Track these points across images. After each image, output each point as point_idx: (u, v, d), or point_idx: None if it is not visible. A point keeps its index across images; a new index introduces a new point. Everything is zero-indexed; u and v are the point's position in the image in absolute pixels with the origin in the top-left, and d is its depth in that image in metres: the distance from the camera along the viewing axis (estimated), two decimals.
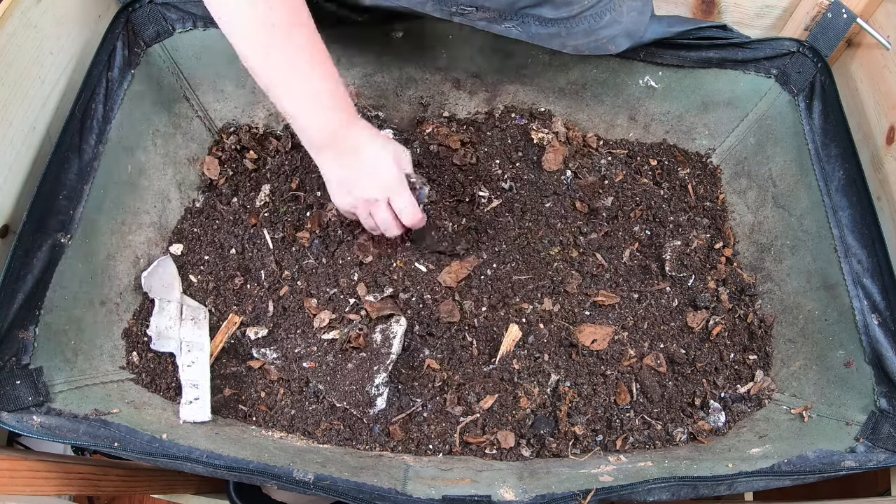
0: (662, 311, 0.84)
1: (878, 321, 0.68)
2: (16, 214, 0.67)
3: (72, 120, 0.69)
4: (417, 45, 0.87)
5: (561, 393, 0.75)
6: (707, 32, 0.81)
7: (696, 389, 0.78)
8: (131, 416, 0.64)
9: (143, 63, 0.79)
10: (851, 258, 0.72)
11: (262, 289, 0.82)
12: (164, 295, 0.78)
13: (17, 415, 0.59)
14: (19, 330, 0.62)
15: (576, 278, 0.84)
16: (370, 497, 0.57)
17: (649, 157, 0.95)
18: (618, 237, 0.89)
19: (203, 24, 0.81)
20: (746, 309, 0.84)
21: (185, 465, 0.58)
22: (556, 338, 0.80)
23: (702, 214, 0.91)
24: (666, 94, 0.90)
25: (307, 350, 0.78)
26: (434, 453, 0.72)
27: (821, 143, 0.79)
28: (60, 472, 0.65)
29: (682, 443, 0.74)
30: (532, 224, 0.88)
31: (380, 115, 0.93)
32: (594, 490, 0.59)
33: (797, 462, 0.63)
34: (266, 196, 0.88)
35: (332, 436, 0.73)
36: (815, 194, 0.78)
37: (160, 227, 0.83)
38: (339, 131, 0.67)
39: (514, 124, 0.92)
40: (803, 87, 0.82)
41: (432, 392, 0.75)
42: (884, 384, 0.67)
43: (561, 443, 0.72)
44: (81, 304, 0.70)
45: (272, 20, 0.59)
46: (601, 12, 0.76)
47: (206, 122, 0.90)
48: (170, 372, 0.74)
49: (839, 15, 0.80)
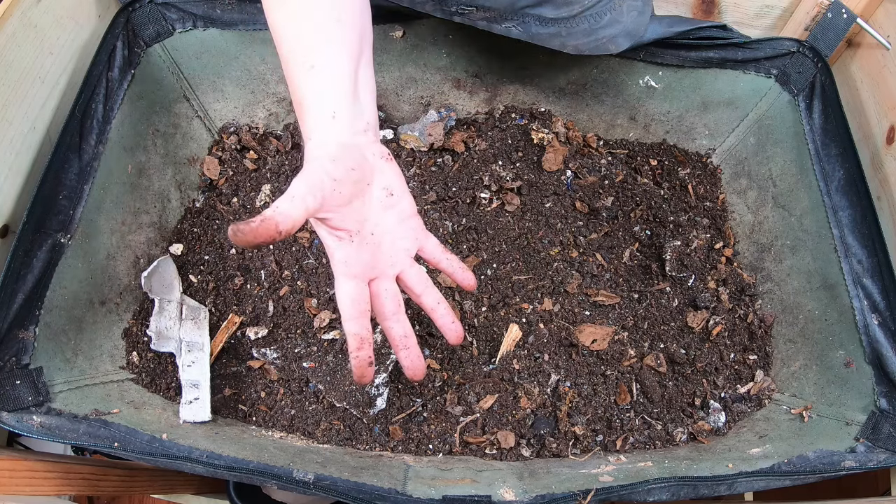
0: (662, 311, 0.84)
1: (878, 321, 0.68)
2: (16, 214, 0.67)
3: (72, 120, 0.69)
4: (417, 45, 0.87)
5: (561, 393, 0.75)
6: (707, 32, 0.81)
7: (696, 389, 0.78)
8: (131, 416, 0.64)
9: (143, 63, 0.79)
10: (851, 258, 0.72)
11: (262, 289, 0.82)
12: (164, 295, 0.78)
13: (17, 415, 0.59)
14: (19, 330, 0.62)
15: (576, 278, 0.84)
16: (370, 497, 0.57)
17: (649, 157, 0.95)
18: (618, 237, 0.89)
19: (203, 24, 0.81)
20: (746, 309, 0.84)
21: (185, 465, 0.58)
22: (557, 338, 0.80)
23: (702, 214, 0.91)
24: (666, 94, 0.90)
25: (307, 350, 0.78)
26: (434, 453, 0.72)
27: (821, 143, 0.79)
28: (60, 472, 0.65)
29: (682, 443, 0.74)
30: (532, 224, 0.88)
31: (380, 115, 0.93)
32: (594, 490, 0.58)
33: (797, 462, 0.63)
34: (266, 196, 0.88)
35: (332, 436, 0.73)
36: (815, 194, 0.78)
37: (160, 227, 0.83)
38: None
39: (515, 124, 0.92)
40: (803, 87, 0.82)
41: (432, 392, 0.75)
42: (884, 384, 0.67)
43: (561, 443, 0.72)
44: (81, 304, 0.70)
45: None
46: (601, 12, 0.76)
47: (206, 122, 0.90)
48: (170, 372, 0.74)
49: (839, 15, 0.80)
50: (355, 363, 0.56)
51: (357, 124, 0.53)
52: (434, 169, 0.90)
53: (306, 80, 0.52)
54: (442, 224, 0.85)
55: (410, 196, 0.58)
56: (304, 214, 0.47)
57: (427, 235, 0.60)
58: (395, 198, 0.56)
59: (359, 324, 0.55)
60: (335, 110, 0.52)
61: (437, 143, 0.89)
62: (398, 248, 0.58)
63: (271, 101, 0.92)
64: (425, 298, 0.60)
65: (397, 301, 0.58)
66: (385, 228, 0.56)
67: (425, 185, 0.88)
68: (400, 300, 0.58)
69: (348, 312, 0.55)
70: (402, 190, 0.57)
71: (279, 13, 0.54)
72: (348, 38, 0.54)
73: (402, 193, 0.57)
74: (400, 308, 0.58)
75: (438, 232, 0.84)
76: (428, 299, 0.60)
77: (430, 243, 0.60)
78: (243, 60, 0.86)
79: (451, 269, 0.61)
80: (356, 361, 0.55)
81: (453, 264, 0.61)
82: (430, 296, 0.60)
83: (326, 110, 0.52)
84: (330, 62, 0.52)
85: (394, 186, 0.56)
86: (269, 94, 0.91)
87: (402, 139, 0.91)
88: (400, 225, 0.57)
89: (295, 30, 0.53)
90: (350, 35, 0.54)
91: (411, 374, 0.60)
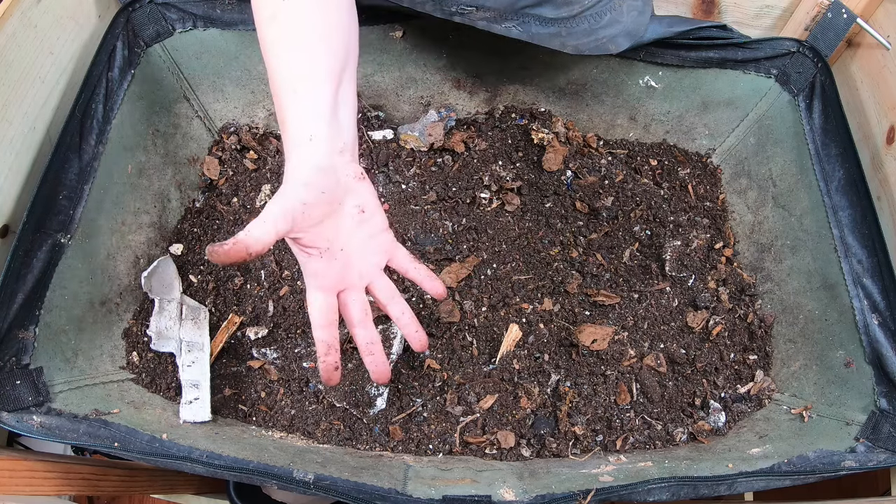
0: (662, 311, 0.84)
1: (878, 321, 0.68)
2: (16, 214, 0.67)
3: (72, 120, 0.69)
4: (417, 45, 0.87)
5: (561, 393, 0.75)
6: (707, 32, 0.81)
7: (696, 389, 0.78)
8: (131, 416, 0.64)
9: (143, 63, 0.79)
10: (851, 258, 0.72)
11: (262, 289, 0.82)
12: (164, 295, 0.78)
13: (17, 415, 0.59)
14: (19, 330, 0.62)
15: (576, 278, 0.84)
16: (370, 497, 0.57)
17: (649, 157, 0.95)
18: (618, 237, 0.89)
19: (203, 24, 0.81)
20: (746, 309, 0.84)
21: (185, 465, 0.58)
22: (557, 338, 0.80)
23: (702, 214, 0.91)
24: (666, 94, 0.90)
25: (307, 350, 0.78)
26: (434, 453, 0.72)
27: (821, 143, 0.79)
28: (60, 472, 0.65)
29: (682, 443, 0.74)
30: (532, 224, 0.88)
31: (380, 115, 0.93)
32: (594, 490, 0.58)
33: (797, 462, 0.63)
34: (266, 196, 0.88)
35: (332, 436, 0.73)
36: (815, 194, 0.78)
37: (160, 227, 0.83)
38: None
39: (514, 124, 0.92)
40: (803, 87, 0.82)
41: (432, 392, 0.75)
42: (884, 384, 0.67)
43: (561, 443, 0.72)
44: (81, 304, 0.70)
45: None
46: (601, 12, 0.76)
47: (206, 122, 0.90)
48: (170, 372, 0.74)
49: (839, 15, 0.80)
50: (322, 367, 0.59)
51: (335, 145, 0.55)
52: (434, 169, 0.90)
53: (289, 103, 0.54)
54: (442, 224, 0.85)
55: (383, 213, 0.61)
56: (274, 237, 0.50)
57: (397, 247, 0.63)
58: (367, 214, 0.59)
59: (327, 332, 0.58)
60: (312, 133, 0.53)
61: (437, 143, 0.89)
62: (368, 262, 0.61)
63: (271, 101, 0.92)
64: (391, 308, 0.64)
65: (364, 310, 0.61)
66: (356, 244, 0.59)
67: (425, 185, 0.88)
68: (367, 309, 0.62)
69: (317, 321, 0.58)
70: (375, 207, 0.60)
71: (269, 30, 0.56)
72: (333, 58, 0.56)
73: (375, 210, 0.60)
74: (367, 316, 0.62)
75: (438, 232, 0.84)
76: (394, 309, 0.64)
77: (399, 254, 0.63)
78: (243, 60, 0.86)
79: (419, 279, 0.65)
80: (323, 366, 0.59)
81: (421, 273, 0.65)
82: (395, 306, 0.64)
83: (304, 132, 0.54)
84: (313, 87, 0.54)
85: (367, 205, 0.59)
86: (269, 94, 0.91)
87: (402, 139, 0.91)
88: (371, 240, 0.60)
89: (282, 50, 0.55)
90: (336, 53, 0.56)
91: (376, 378, 0.63)
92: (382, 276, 0.63)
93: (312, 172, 0.53)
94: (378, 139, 0.91)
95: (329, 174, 0.54)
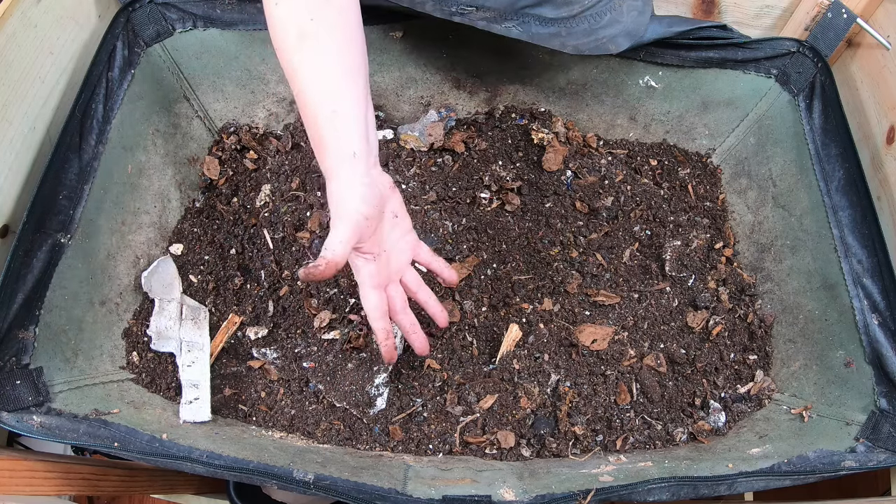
0: (662, 311, 0.84)
1: (878, 321, 0.68)
2: (16, 214, 0.67)
3: (72, 120, 0.69)
4: (417, 45, 0.87)
5: (561, 393, 0.75)
6: (707, 32, 0.81)
7: (696, 389, 0.78)
8: (131, 416, 0.64)
9: (143, 63, 0.79)
10: (851, 258, 0.72)
11: (262, 289, 0.82)
12: (164, 295, 0.78)
13: (17, 415, 0.58)
14: (19, 330, 0.62)
15: (576, 278, 0.84)
16: (370, 497, 0.57)
17: (649, 157, 0.95)
18: (618, 237, 0.89)
19: (203, 24, 0.81)
20: (746, 309, 0.84)
21: (185, 465, 0.58)
22: (557, 338, 0.80)
23: (702, 214, 0.91)
24: (666, 94, 0.90)
25: (307, 350, 0.78)
26: (434, 453, 0.72)
27: (821, 143, 0.79)
28: (60, 472, 0.65)
29: (682, 443, 0.74)
30: (532, 224, 0.88)
31: (380, 115, 0.93)
32: (594, 490, 0.58)
33: (797, 462, 0.63)
34: (266, 196, 0.88)
35: (332, 436, 0.73)
36: (815, 194, 0.78)
37: (160, 227, 0.83)
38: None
39: (514, 124, 0.92)
40: (803, 87, 0.82)
41: (432, 392, 0.75)
42: (884, 384, 0.67)
43: (561, 443, 0.72)
44: (81, 304, 0.70)
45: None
46: (601, 12, 0.76)
47: (206, 122, 0.90)
48: (170, 372, 0.74)
49: (839, 15, 0.80)
50: (385, 349, 0.68)
51: (371, 160, 0.60)
52: (434, 169, 0.90)
53: (328, 124, 0.57)
54: (442, 224, 0.85)
55: (408, 215, 0.69)
56: (350, 251, 0.58)
57: (419, 243, 0.71)
58: (399, 219, 0.67)
59: (384, 321, 0.67)
60: (355, 150, 0.58)
61: (438, 143, 0.89)
62: (400, 259, 0.69)
63: (271, 101, 0.92)
64: (420, 294, 0.72)
65: (404, 299, 0.70)
66: (392, 245, 0.67)
67: (425, 185, 0.88)
68: (405, 298, 0.70)
69: (374, 314, 0.65)
70: (404, 212, 0.68)
71: (299, 52, 0.58)
72: (361, 74, 0.60)
73: (404, 215, 0.68)
74: (406, 304, 0.70)
75: (439, 232, 0.84)
76: (422, 295, 0.72)
77: (423, 250, 0.71)
78: (243, 60, 0.86)
79: (439, 269, 0.73)
80: (385, 348, 0.68)
81: (441, 264, 0.73)
82: (423, 292, 0.72)
83: (348, 150, 0.58)
84: (352, 106, 0.58)
85: (398, 210, 0.66)
86: (269, 94, 0.91)
87: (402, 139, 0.91)
88: (401, 240, 0.68)
89: (316, 71, 0.58)
90: (361, 69, 0.60)
91: (420, 351, 0.72)
92: (411, 268, 0.71)
93: (364, 189, 0.58)
94: (378, 139, 0.91)
95: (374, 187, 0.60)
